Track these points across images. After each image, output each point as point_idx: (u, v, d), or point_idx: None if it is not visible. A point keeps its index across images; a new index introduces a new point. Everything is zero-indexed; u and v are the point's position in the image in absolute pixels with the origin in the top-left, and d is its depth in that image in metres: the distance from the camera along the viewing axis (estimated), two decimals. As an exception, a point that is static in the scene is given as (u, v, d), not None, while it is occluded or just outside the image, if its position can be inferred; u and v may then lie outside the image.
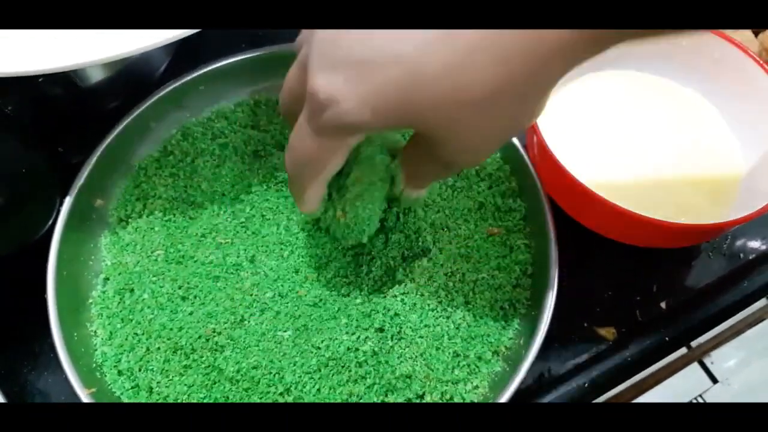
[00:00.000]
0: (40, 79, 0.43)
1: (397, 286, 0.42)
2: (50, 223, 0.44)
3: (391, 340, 0.40)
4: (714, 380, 0.81)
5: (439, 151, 0.31)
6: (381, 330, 0.41)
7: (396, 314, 0.41)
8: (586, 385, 0.42)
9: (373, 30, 0.27)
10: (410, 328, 0.41)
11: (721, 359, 0.80)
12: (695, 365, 0.80)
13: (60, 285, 0.42)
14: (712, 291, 0.47)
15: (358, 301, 0.42)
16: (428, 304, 0.41)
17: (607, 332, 0.45)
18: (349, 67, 0.27)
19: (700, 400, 0.81)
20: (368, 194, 0.37)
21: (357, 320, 0.41)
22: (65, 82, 0.45)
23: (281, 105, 0.34)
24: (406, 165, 0.36)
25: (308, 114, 0.30)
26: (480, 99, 0.26)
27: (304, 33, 0.32)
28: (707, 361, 0.80)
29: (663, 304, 0.46)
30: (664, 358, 0.44)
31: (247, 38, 0.58)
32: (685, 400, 0.79)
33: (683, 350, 0.79)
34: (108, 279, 0.45)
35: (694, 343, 0.79)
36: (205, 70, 0.49)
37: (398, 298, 0.41)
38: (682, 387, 0.80)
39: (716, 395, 0.83)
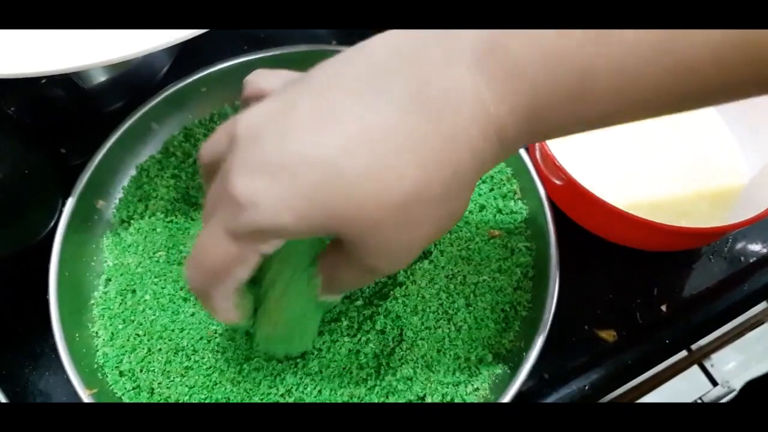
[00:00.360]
0: (42, 81, 0.43)
1: (398, 288, 0.42)
2: (52, 224, 0.44)
3: (392, 342, 0.41)
4: (714, 383, 0.81)
5: (361, 256, 0.30)
6: (382, 332, 0.41)
7: (397, 316, 0.41)
8: (587, 387, 0.42)
9: (293, 125, 0.26)
10: (411, 330, 0.41)
11: (721, 362, 0.80)
12: (695, 368, 0.80)
13: (62, 286, 0.42)
14: (712, 294, 0.47)
15: (359, 303, 0.42)
16: (429, 307, 0.41)
17: (608, 335, 0.45)
18: (269, 170, 0.26)
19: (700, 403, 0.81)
20: (293, 290, 0.34)
21: (358, 323, 0.41)
22: (67, 83, 0.45)
23: (204, 219, 0.31)
24: (324, 270, 0.34)
25: (224, 217, 0.28)
26: (401, 201, 0.26)
27: (223, 145, 0.30)
28: (707, 363, 0.80)
29: (663, 307, 0.46)
30: (665, 360, 0.44)
31: (249, 40, 0.58)
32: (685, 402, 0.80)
33: (683, 353, 0.79)
34: (110, 280, 0.45)
35: (694, 346, 0.79)
36: (207, 71, 0.49)
37: (399, 301, 0.41)
38: (681, 389, 0.80)
39: (716, 398, 0.83)
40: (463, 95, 0.26)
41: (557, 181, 0.43)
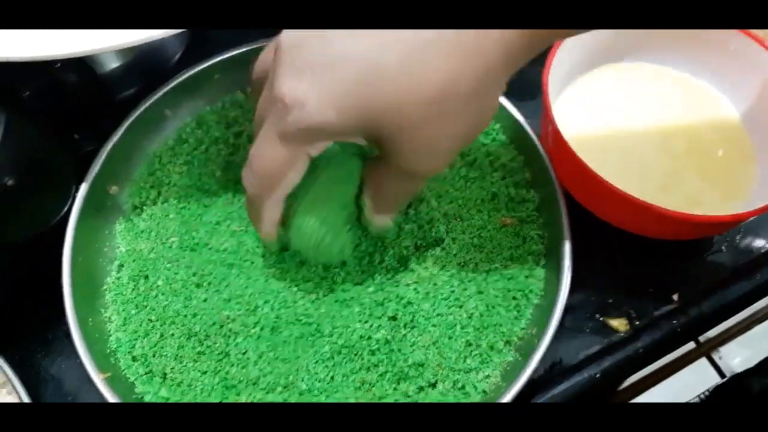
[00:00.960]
0: (56, 65, 0.43)
1: (410, 274, 0.42)
2: (65, 210, 0.44)
3: (404, 329, 0.41)
4: (722, 375, 0.81)
5: (401, 159, 0.32)
6: (394, 318, 0.41)
7: (409, 303, 0.41)
8: (598, 375, 0.42)
9: (333, 31, 0.28)
10: (423, 316, 0.41)
11: (729, 355, 0.80)
12: (703, 360, 0.80)
13: (75, 271, 0.42)
14: (724, 284, 0.47)
15: (371, 289, 0.42)
16: (441, 293, 0.42)
17: (620, 323, 0.45)
18: (311, 70, 0.28)
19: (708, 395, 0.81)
20: (327, 200, 0.37)
21: (370, 308, 0.41)
22: (81, 68, 0.45)
23: (255, 126, 0.34)
24: (371, 189, 0.36)
25: (274, 120, 0.31)
26: (435, 94, 0.28)
27: (270, 60, 0.32)
28: (715, 356, 0.80)
29: (675, 297, 0.46)
30: (676, 349, 0.44)
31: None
32: (693, 394, 0.80)
33: (692, 345, 0.79)
34: (122, 265, 0.45)
35: (702, 338, 0.79)
36: (220, 58, 0.50)
37: (411, 287, 0.41)
38: (689, 382, 0.80)
39: (724, 390, 0.83)
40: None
41: (571, 170, 0.42)
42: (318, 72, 0.28)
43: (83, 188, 0.44)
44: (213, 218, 0.45)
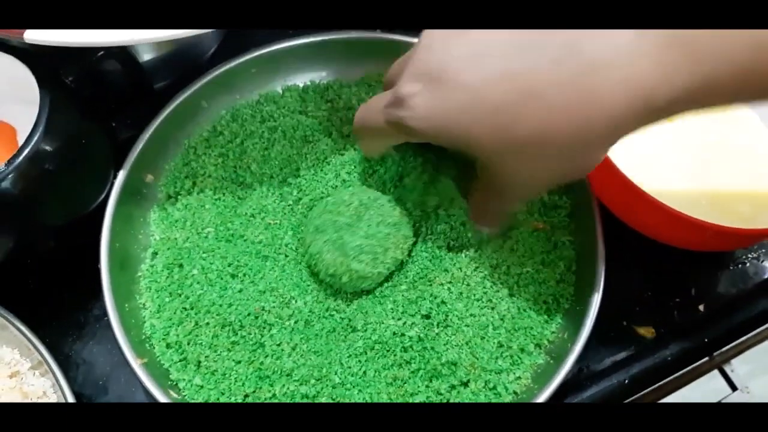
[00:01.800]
0: (100, 53, 0.43)
1: (444, 274, 0.42)
2: (103, 195, 0.44)
3: (437, 327, 0.41)
4: (734, 388, 0.81)
5: (494, 179, 0.34)
6: (427, 317, 0.41)
7: (443, 302, 0.41)
8: (627, 381, 0.43)
9: (457, 52, 0.29)
10: (456, 316, 0.41)
11: (742, 367, 0.81)
12: (715, 372, 0.80)
13: (111, 257, 0.42)
14: (748, 296, 0.48)
15: (404, 287, 0.43)
16: (474, 294, 0.42)
17: (647, 331, 0.45)
18: (427, 81, 0.30)
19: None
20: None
21: (403, 306, 0.42)
22: (124, 57, 0.45)
23: (387, 76, 0.38)
24: (474, 205, 0.40)
25: (387, 99, 0.33)
26: (522, 139, 0.29)
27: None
28: (727, 368, 0.80)
29: (701, 307, 0.47)
30: (702, 359, 0.45)
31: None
32: (701, 407, 0.79)
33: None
34: (156, 253, 0.45)
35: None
36: (258, 53, 0.50)
37: (445, 287, 0.42)
38: (701, 393, 0.80)
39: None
40: (620, 58, 0.26)
41: (607, 179, 0.43)
42: (434, 86, 0.30)
43: (121, 175, 0.45)
44: (248, 210, 0.46)
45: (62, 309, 0.46)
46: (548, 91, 0.27)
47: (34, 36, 0.39)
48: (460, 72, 0.29)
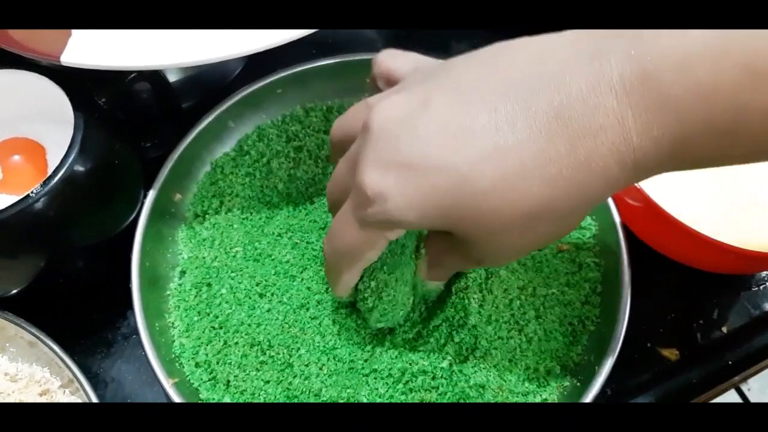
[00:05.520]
0: (132, 75, 0.44)
1: (475, 295, 0.43)
2: (133, 215, 0.45)
3: (466, 351, 0.41)
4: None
5: (470, 251, 0.32)
6: (459, 343, 0.42)
7: (474, 326, 0.42)
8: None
9: (428, 133, 0.28)
10: (486, 339, 0.41)
11: (759, 386, 0.81)
12: (732, 392, 0.81)
13: (142, 276, 0.43)
14: (771, 319, 0.48)
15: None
16: (503, 317, 0.42)
17: (670, 353, 0.45)
18: (400, 168, 0.28)
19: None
20: (401, 272, 0.38)
21: (429, 329, 0.42)
22: (155, 79, 0.46)
23: (328, 196, 0.35)
24: (430, 255, 0.37)
25: (353, 205, 0.31)
26: (522, 217, 0.28)
27: (353, 127, 0.32)
28: (744, 388, 0.81)
29: (724, 329, 0.47)
30: (727, 381, 0.45)
31: (316, 45, 0.59)
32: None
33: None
34: (185, 272, 0.46)
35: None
36: (283, 74, 0.51)
37: (476, 310, 0.42)
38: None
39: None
40: (606, 124, 0.26)
41: (633, 202, 0.43)
42: (405, 173, 0.28)
43: (151, 195, 0.45)
44: (275, 230, 0.46)
45: (91, 328, 0.47)
46: (542, 167, 0.26)
47: (70, 59, 0.39)
48: (441, 156, 0.27)
